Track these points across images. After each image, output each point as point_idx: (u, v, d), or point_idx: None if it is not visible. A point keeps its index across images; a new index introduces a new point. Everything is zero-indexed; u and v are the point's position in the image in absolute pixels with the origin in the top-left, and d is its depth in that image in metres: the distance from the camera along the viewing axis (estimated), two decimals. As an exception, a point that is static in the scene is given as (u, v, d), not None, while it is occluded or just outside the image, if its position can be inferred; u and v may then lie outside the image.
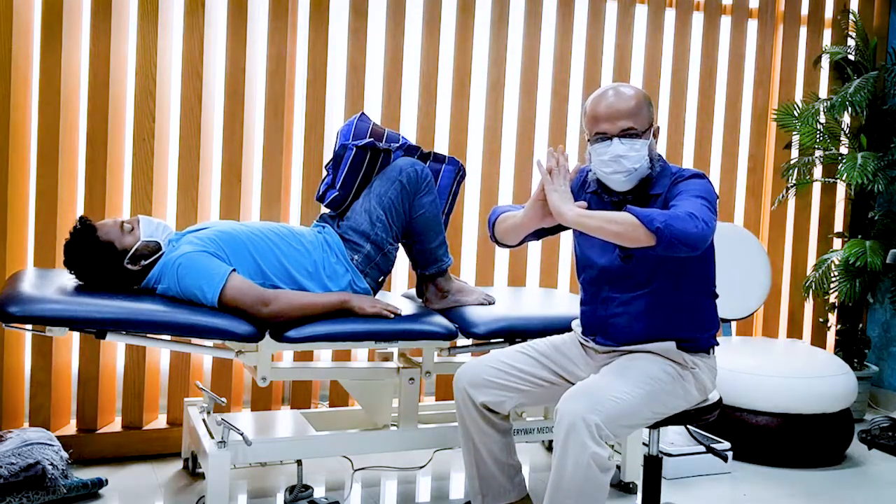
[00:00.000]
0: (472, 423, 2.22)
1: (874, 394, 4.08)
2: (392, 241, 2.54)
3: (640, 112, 2.06)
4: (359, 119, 2.64)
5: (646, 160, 2.07)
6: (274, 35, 3.09)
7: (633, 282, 2.12)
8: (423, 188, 2.54)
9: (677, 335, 2.09)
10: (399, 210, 2.51)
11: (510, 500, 2.28)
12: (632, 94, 2.08)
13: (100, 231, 2.36)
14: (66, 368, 2.96)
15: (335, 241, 2.51)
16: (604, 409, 1.89)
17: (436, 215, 2.58)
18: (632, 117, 2.05)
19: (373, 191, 2.53)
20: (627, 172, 2.06)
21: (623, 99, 2.07)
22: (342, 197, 2.58)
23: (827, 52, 3.99)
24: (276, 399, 3.20)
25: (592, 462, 1.85)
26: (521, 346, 2.29)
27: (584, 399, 1.90)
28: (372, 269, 2.53)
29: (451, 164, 2.74)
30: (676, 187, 2.07)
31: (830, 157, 3.91)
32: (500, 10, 3.42)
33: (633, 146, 2.04)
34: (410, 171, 2.51)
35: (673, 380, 2.05)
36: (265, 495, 2.68)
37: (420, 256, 2.63)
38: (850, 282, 3.75)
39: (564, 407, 1.89)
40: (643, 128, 2.07)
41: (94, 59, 2.87)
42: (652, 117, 2.11)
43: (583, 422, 1.85)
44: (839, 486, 2.96)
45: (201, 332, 2.20)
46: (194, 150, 3.01)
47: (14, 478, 2.36)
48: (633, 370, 2.03)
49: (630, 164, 2.05)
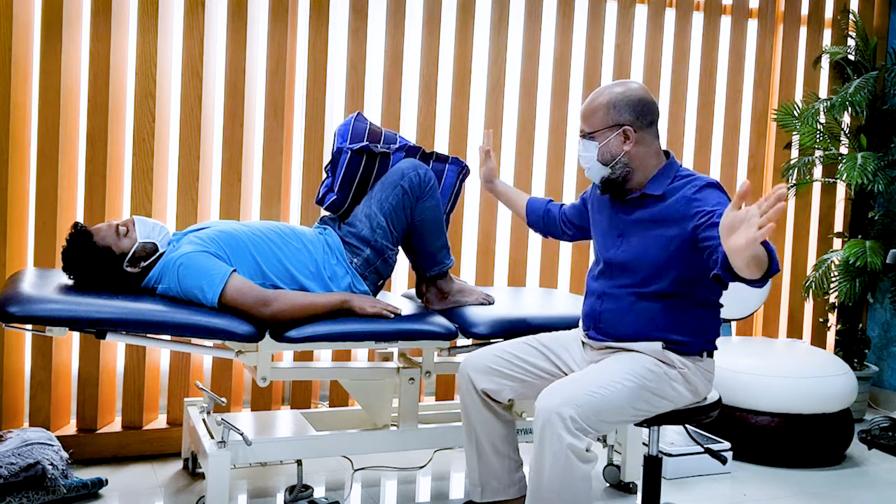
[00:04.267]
0: (473, 409, 2.25)
1: (874, 394, 4.08)
2: (392, 246, 2.53)
3: (594, 115, 2.13)
4: (355, 119, 2.62)
5: (594, 161, 2.13)
6: (274, 35, 3.09)
7: (631, 279, 2.13)
8: (426, 193, 2.51)
9: (666, 336, 2.09)
10: (400, 216, 2.50)
11: (510, 496, 2.28)
12: (598, 96, 2.14)
13: (96, 236, 2.36)
14: (66, 368, 2.96)
15: (336, 244, 2.51)
16: (579, 403, 1.89)
17: (438, 219, 2.56)
18: (585, 120, 2.16)
19: (374, 196, 2.52)
20: (587, 170, 2.18)
21: (588, 102, 2.16)
22: (340, 201, 2.57)
23: (827, 52, 3.99)
24: (276, 399, 3.20)
25: (570, 453, 1.85)
26: (527, 338, 2.32)
27: (560, 393, 1.91)
28: (371, 273, 2.53)
29: (455, 163, 2.73)
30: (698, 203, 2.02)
31: (830, 157, 3.91)
32: (500, 10, 3.42)
33: (585, 147, 2.15)
34: (413, 175, 2.49)
35: (659, 378, 2.04)
36: (265, 495, 2.68)
37: (421, 258, 2.62)
38: (850, 282, 3.75)
39: (541, 402, 1.91)
40: (592, 129, 2.13)
41: (94, 59, 2.87)
42: (615, 119, 2.10)
43: (557, 415, 1.86)
44: (839, 486, 2.96)
45: (201, 332, 2.20)
46: (194, 150, 3.01)
47: (14, 478, 2.36)
48: (616, 366, 2.04)
49: (583, 162, 2.17)
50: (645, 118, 2.11)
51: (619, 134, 2.10)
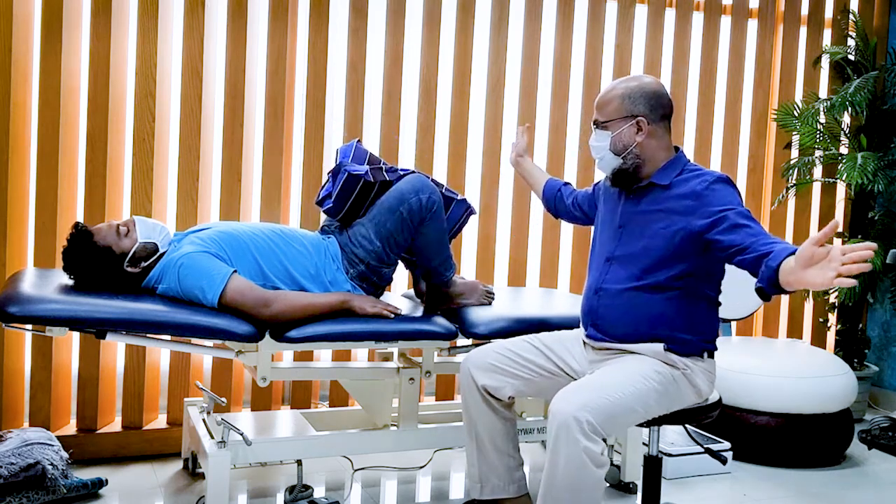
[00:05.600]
0: (475, 405, 2.26)
1: (874, 394, 4.08)
2: (389, 265, 2.53)
3: (608, 104, 2.16)
4: (357, 143, 2.61)
5: (606, 151, 2.16)
6: (274, 35, 3.09)
7: (630, 272, 2.13)
8: (428, 218, 2.46)
9: (664, 335, 2.09)
10: (399, 239, 2.47)
11: (509, 494, 2.28)
12: (613, 87, 2.17)
13: (97, 236, 2.36)
14: (66, 368, 2.96)
15: (335, 252, 2.51)
16: (595, 407, 1.89)
17: (440, 239, 2.53)
18: (598, 108, 2.19)
19: (373, 216, 2.48)
20: (598, 160, 2.20)
21: (604, 92, 2.19)
22: (336, 210, 2.55)
23: (827, 52, 3.99)
24: (276, 399, 3.20)
25: (585, 457, 1.86)
26: (529, 337, 2.33)
27: (576, 397, 1.91)
28: (368, 285, 2.53)
29: (461, 204, 2.69)
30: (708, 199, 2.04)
31: (830, 157, 3.91)
32: (500, 10, 3.42)
33: (598, 137, 2.18)
34: (413, 201, 2.43)
35: (665, 379, 2.05)
36: (265, 495, 2.68)
37: (422, 270, 2.63)
38: (850, 282, 3.75)
39: (556, 406, 1.91)
40: (606, 119, 2.16)
41: (94, 59, 2.87)
42: (629, 110, 2.13)
43: (574, 419, 1.86)
44: (839, 486, 2.96)
45: (201, 332, 2.21)
46: (194, 150, 3.01)
47: (14, 478, 2.36)
48: (626, 369, 2.04)
49: (594, 153, 2.20)
50: (658, 111, 2.14)
51: (632, 125, 2.13)
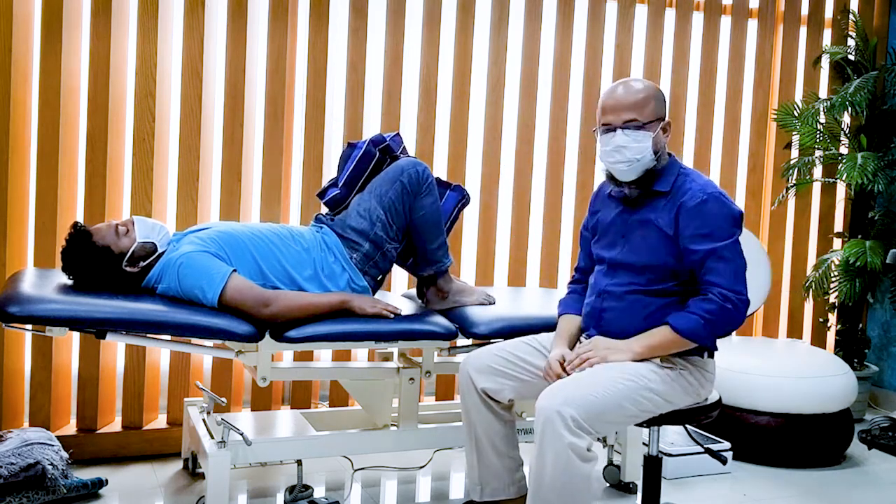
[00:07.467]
0: (474, 408, 2.25)
1: (874, 394, 4.08)
2: (391, 240, 2.53)
3: (645, 105, 2.11)
4: (396, 134, 2.68)
5: (649, 152, 2.11)
6: (274, 35, 3.09)
7: (633, 277, 2.13)
8: (424, 189, 2.53)
9: None
10: (399, 210, 2.51)
11: (509, 495, 2.28)
12: (640, 87, 2.13)
13: (95, 236, 2.36)
14: (66, 368, 2.96)
15: (333, 241, 2.51)
16: (580, 403, 1.89)
17: (436, 217, 2.57)
18: (635, 109, 2.11)
19: (373, 190, 2.53)
20: (629, 162, 2.11)
21: (630, 92, 2.12)
22: (343, 196, 2.58)
23: (827, 52, 3.99)
24: (276, 399, 3.20)
25: (571, 452, 1.85)
26: (527, 338, 2.32)
27: (561, 393, 1.91)
28: (371, 267, 2.53)
29: (456, 190, 2.75)
30: (696, 218, 2.06)
31: (830, 157, 3.91)
32: (500, 10, 3.42)
33: (636, 137, 2.10)
34: (412, 171, 2.51)
35: (661, 379, 2.04)
36: (265, 495, 2.68)
37: (419, 257, 2.62)
38: (850, 282, 3.75)
39: (540, 402, 1.91)
40: (647, 120, 2.11)
41: (94, 59, 2.87)
42: (660, 112, 2.14)
43: (558, 415, 1.86)
44: (839, 486, 2.96)
45: (201, 332, 2.20)
46: (194, 150, 3.01)
47: (14, 478, 2.36)
48: (618, 366, 2.04)
49: (631, 154, 2.10)
50: None
51: (662, 126, 2.14)
